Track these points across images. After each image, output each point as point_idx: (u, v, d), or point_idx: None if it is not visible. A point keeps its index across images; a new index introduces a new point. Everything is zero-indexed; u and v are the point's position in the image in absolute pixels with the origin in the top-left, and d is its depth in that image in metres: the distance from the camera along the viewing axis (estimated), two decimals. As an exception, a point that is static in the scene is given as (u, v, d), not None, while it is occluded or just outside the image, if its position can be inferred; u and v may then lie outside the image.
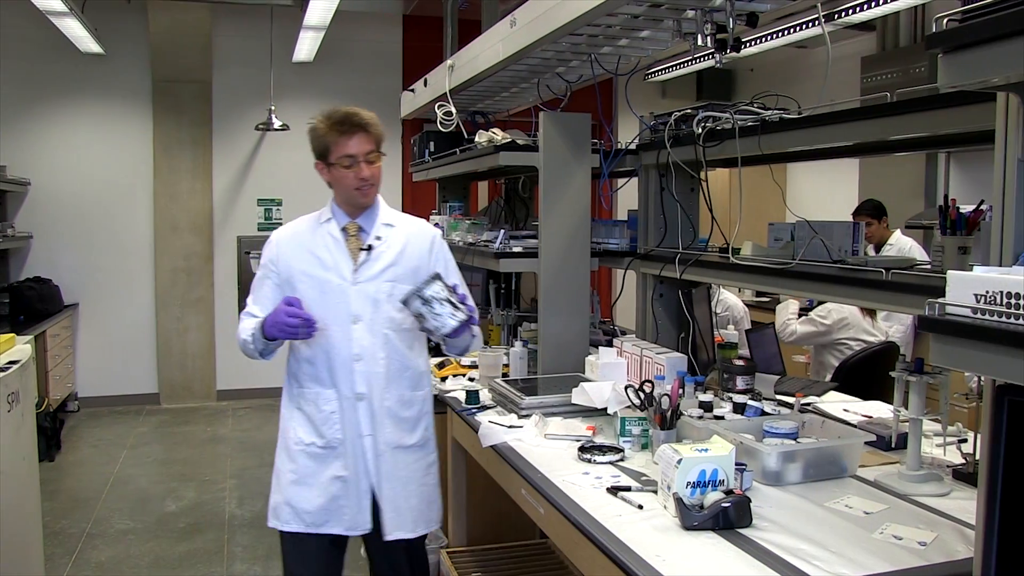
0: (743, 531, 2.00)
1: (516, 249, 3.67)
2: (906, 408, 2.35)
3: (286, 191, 8.23)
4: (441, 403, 3.62)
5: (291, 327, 2.56)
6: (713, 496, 2.04)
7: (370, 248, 2.73)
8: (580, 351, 3.53)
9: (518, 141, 3.74)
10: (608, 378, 3.10)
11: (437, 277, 2.57)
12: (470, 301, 2.68)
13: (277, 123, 7.70)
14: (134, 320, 7.96)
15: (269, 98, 7.79)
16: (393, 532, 2.74)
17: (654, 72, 8.02)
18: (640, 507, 2.16)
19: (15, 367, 2.85)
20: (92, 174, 7.72)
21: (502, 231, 3.75)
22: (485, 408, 3.28)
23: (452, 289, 2.58)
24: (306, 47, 7.33)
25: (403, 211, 8.89)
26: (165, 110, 7.81)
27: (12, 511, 2.86)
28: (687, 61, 7.39)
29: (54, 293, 7.34)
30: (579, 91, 3.98)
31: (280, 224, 8.16)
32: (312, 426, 2.73)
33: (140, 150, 7.85)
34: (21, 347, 3.17)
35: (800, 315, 5.03)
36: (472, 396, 3.35)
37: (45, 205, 7.71)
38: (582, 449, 2.63)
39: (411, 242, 2.79)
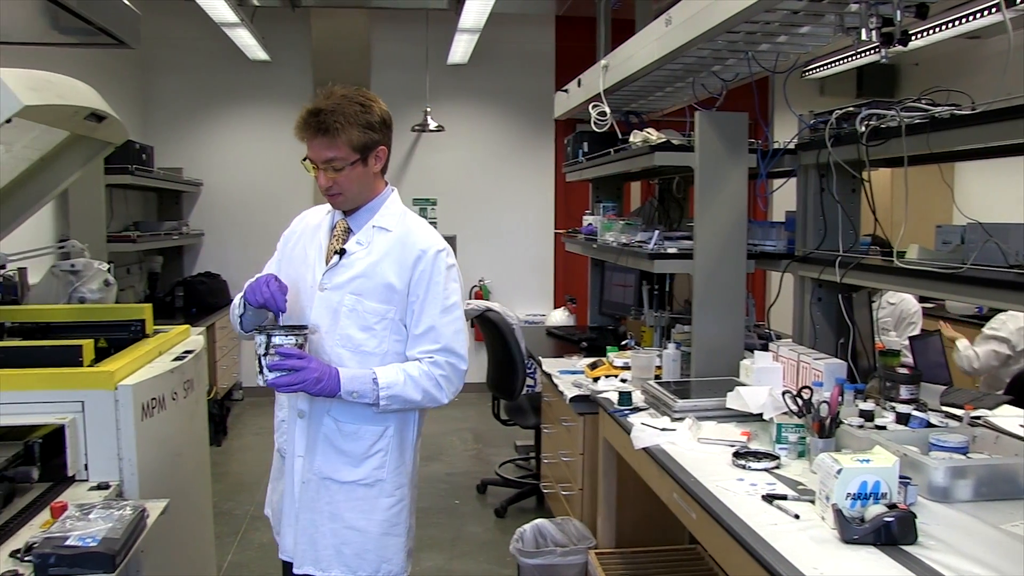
0: (907, 548, 1.91)
1: (671, 250, 3.63)
2: (1093, 425, 2.19)
3: (441, 191, 8.41)
4: (593, 404, 3.63)
5: (260, 292, 2.32)
6: (875, 509, 1.96)
7: (342, 252, 2.41)
8: (734, 355, 3.46)
9: (673, 141, 3.69)
10: (763, 383, 3.02)
11: (270, 332, 2.24)
12: (294, 377, 2.22)
13: (433, 124, 7.88)
14: (295, 315, 8.26)
15: (425, 100, 7.97)
16: (302, 565, 2.44)
17: (812, 69, 7.76)
18: (796, 517, 2.10)
19: (190, 356, 3.00)
20: (257, 175, 8.07)
21: (656, 232, 3.72)
22: (638, 410, 3.26)
23: (278, 352, 2.22)
24: (461, 49, 7.46)
25: (555, 211, 8.77)
26: (326, 113, 8.08)
27: (188, 490, 3.04)
28: (848, 57, 7.12)
29: (222, 288, 7.72)
30: (734, 89, 3.90)
31: (435, 224, 8.36)
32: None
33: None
34: (195, 338, 3.34)
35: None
36: (625, 397, 3.33)
37: (215, 204, 8.15)
38: (736, 455, 2.57)
39: (392, 254, 2.40)
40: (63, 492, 2.28)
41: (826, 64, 7.54)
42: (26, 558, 1.82)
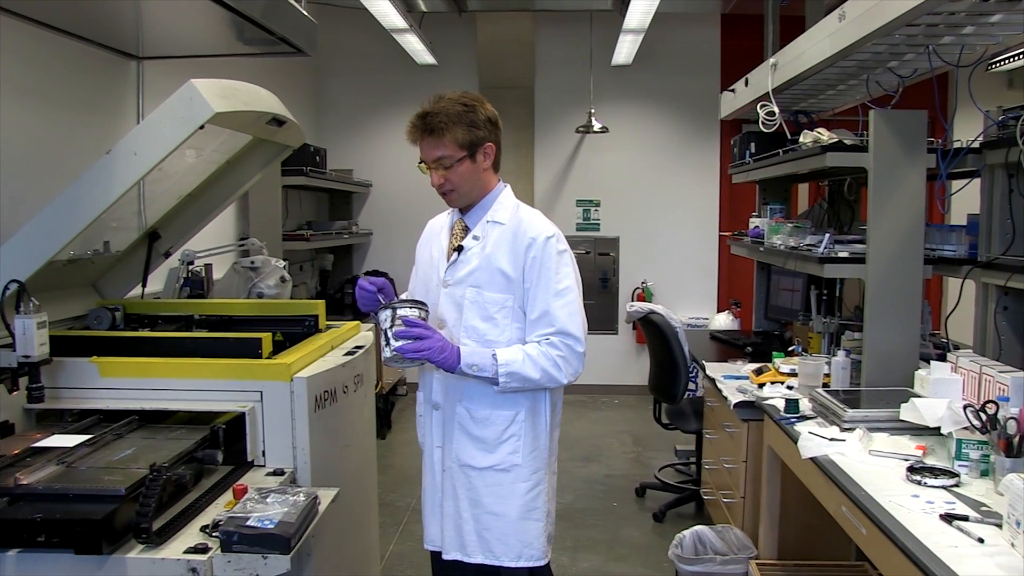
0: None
1: (842, 254, 3.51)
2: None
3: (605, 192, 8.41)
4: (758, 410, 3.55)
5: (367, 303, 2.49)
6: (1073, 539, 1.83)
7: (460, 249, 2.56)
8: (908, 364, 3.31)
9: (846, 141, 3.57)
10: (941, 395, 2.87)
11: (395, 306, 2.37)
12: (419, 344, 2.34)
13: (597, 125, 7.87)
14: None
15: (589, 101, 7.98)
16: (449, 551, 2.59)
17: (999, 61, 7.29)
18: (980, 540, 1.98)
19: (360, 352, 3.10)
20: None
21: (827, 235, 3.60)
22: (805, 418, 3.16)
23: (404, 321, 2.34)
24: (625, 50, 7.42)
25: (720, 213, 8.60)
26: (490, 115, 8.23)
27: (357, 481, 3.14)
28: (1044, 45, 6.66)
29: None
30: (911, 86, 3.72)
31: (598, 225, 8.34)
32: None
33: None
34: (365, 334, 3.46)
35: None
36: (792, 405, 3.24)
37: (383, 205, 8.47)
38: (911, 470, 2.45)
39: (504, 244, 2.51)
40: (243, 475, 2.42)
41: (1017, 55, 7.07)
42: (214, 534, 1.97)
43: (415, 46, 7.33)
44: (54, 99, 3.54)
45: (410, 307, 2.39)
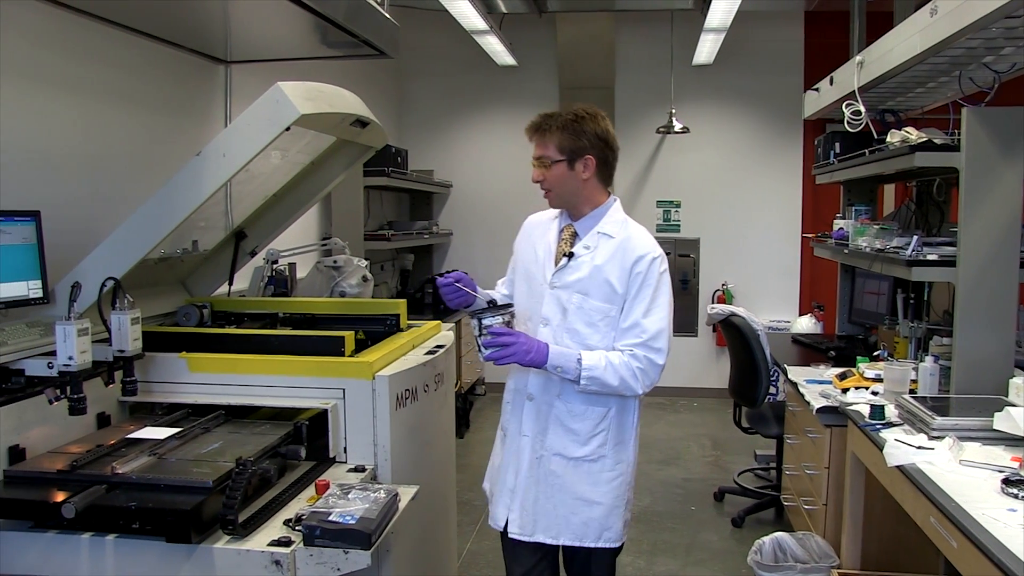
0: None
1: (931, 257, 3.41)
2: None
3: (685, 193, 8.34)
4: (841, 416, 3.48)
5: (444, 294, 2.65)
6: None
7: (571, 255, 2.66)
8: (1001, 372, 3.20)
9: (936, 140, 3.47)
10: (1037, 404, 2.78)
11: (480, 316, 2.50)
12: (505, 351, 2.49)
13: (678, 126, 7.80)
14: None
15: (670, 101, 7.92)
16: (534, 533, 2.70)
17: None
18: (1084, 558, 1.90)
19: (441, 351, 3.14)
20: (504, 177, 8.24)
21: (915, 237, 3.51)
22: (891, 425, 3.09)
23: (490, 332, 2.49)
24: (706, 49, 7.35)
25: (803, 214, 8.49)
26: (570, 116, 8.22)
27: (437, 478, 3.18)
28: None
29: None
30: (1008, 81, 3.59)
31: (678, 226, 8.27)
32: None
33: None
34: (445, 333, 3.50)
35: None
36: (877, 411, 3.17)
37: (463, 205, 8.50)
38: (1007, 482, 2.37)
39: (613, 258, 2.62)
40: (325, 471, 2.48)
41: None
42: (297, 527, 2.02)
43: (495, 47, 7.37)
44: (150, 104, 3.64)
45: (493, 315, 2.52)
